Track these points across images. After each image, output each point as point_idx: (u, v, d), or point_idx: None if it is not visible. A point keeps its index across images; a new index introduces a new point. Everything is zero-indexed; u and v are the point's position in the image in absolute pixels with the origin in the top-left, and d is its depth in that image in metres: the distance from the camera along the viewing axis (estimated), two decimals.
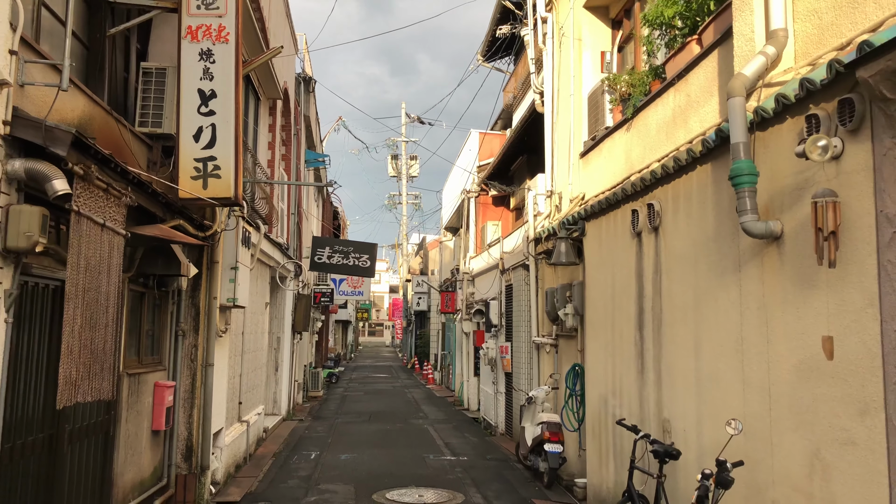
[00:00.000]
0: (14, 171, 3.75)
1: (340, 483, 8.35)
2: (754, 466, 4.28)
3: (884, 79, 3.12)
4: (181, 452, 6.96)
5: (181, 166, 5.83)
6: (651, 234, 6.03)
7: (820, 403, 3.70)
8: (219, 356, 7.56)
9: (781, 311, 4.06)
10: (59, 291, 4.64)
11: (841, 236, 3.53)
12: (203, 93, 5.93)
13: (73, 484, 4.89)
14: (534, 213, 10.48)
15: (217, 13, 6.01)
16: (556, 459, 8.17)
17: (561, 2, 9.63)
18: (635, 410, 6.27)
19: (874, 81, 3.17)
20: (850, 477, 3.46)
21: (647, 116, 6.55)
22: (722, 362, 4.76)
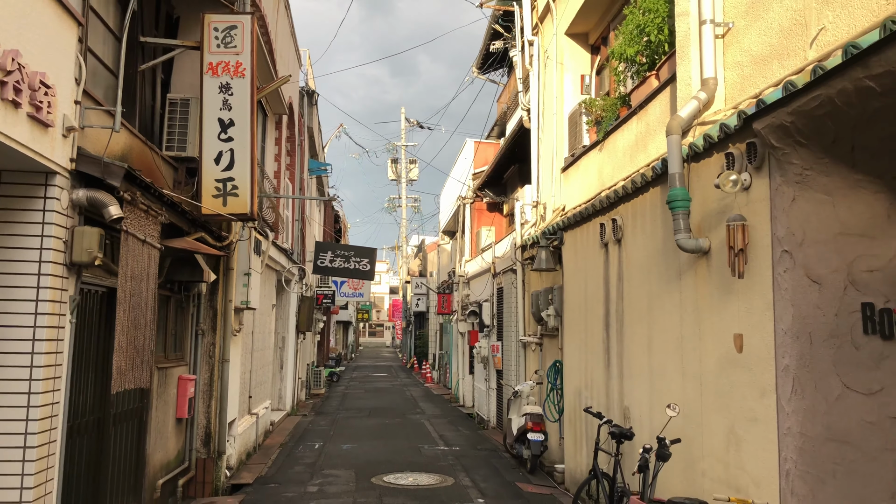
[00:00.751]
0: (78, 199, 4.59)
1: (342, 469, 9.19)
2: (689, 443, 5.12)
3: (770, 131, 3.96)
4: (201, 439, 7.80)
5: (204, 186, 6.67)
6: (615, 245, 6.87)
7: (734, 389, 4.54)
8: (233, 353, 8.40)
9: (709, 313, 4.90)
10: (105, 296, 5.48)
11: (748, 253, 4.36)
12: (223, 121, 6.76)
13: (117, 460, 5.74)
14: (521, 222, 11.32)
15: (235, 51, 6.85)
16: (538, 447, 9.01)
17: (545, 28, 10.47)
18: (603, 400, 7.11)
19: (765, 132, 4.01)
20: (754, 446, 4.30)
21: (616, 139, 7.38)
22: (667, 356, 5.60)
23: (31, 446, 4.25)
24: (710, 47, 5.13)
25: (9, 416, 4.23)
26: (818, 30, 4.06)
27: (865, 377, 3.81)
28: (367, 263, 15.72)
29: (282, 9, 12.11)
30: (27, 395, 4.27)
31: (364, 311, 48.55)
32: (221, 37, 6.85)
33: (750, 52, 4.83)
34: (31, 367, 4.29)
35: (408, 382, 25.40)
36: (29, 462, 4.24)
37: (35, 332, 4.32)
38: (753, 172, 4.37)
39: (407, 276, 40.47)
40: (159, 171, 6.48)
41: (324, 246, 15.76)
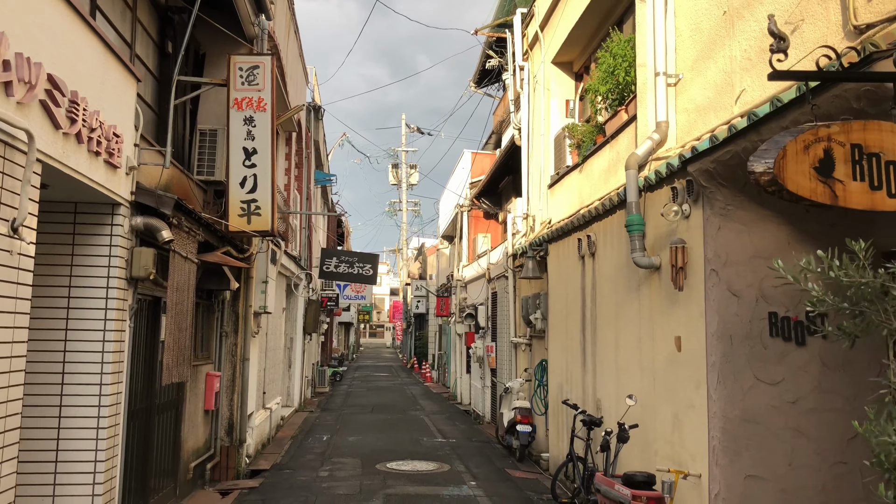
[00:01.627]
0: (137, 224, 5.56)
1: (349, 457, 10.16)
2: (645, 427, 6.10)
3: (700, 173, 4.93)
4: (224, 428, 8.78)
5: (231, 207, 7.64)
6: (590, 258, 7.84)
7: (677, 381, 5.51)
8: (252, 353, 9.38)
9: (659, 319, 5.88)
10: (150, 304, 6.45)
11: (687, 270, 5.34)
12: (247, 150, 7.74)
13: (159, 443, 6.71)
14: (512, 232, 12.29)
15: (257, 88, 7.83)
16: (526, 437, 9.98)
17: (534, 55, 11.45)
18: (580, 394, 8.08)
19: (696, 174, 4.99)
20: (691, 428, 5.27)
21: (593, 163, 8.35)
22: (629, 355, 6.57)
23: (103, 427, 5.22)
24: (662, 95, 6.10)
25: (85, 403, 5.20)
26: (740, 91, 5.04)
27: (771, 371, 4.79)
28: (369, 269, 16.71)
29: (292, 34, 13.08)
30: (99, 385, 5.24)
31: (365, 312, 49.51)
32: (245, 75, 7.83)
33: (694, 101, 5.81)
34: (102, 362, 5.26)
35: (408, 381, 26.36)
36: (101, 440, 5.21)
37: (104, 334, 5.28)
38: (692, 204, 5.34)
39: (407, 278, 41.41)
40: (193, 194, 7.46)
41: (329, 252, 16.74)
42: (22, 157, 3.80)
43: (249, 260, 8.75)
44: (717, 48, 5.44)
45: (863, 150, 2.90)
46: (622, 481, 5.53)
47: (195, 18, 7.88)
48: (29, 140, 3.77)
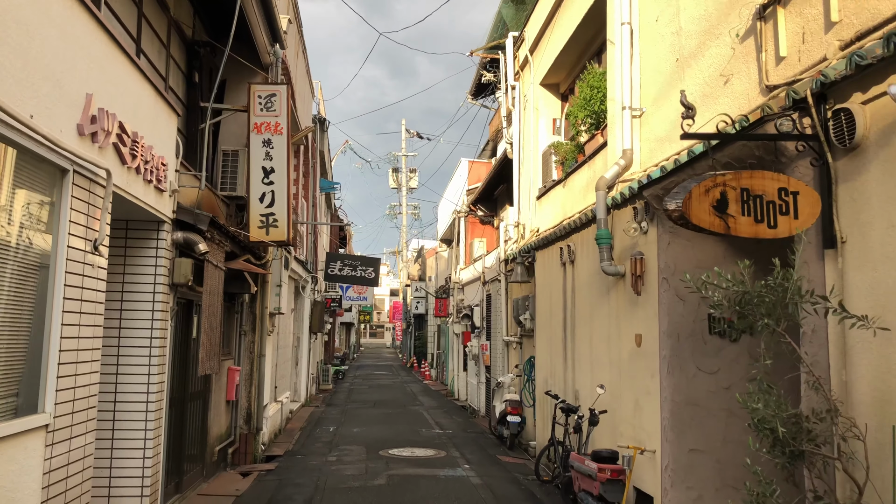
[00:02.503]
0: (177, 239, 6.53)
1: (354, 445, 11.13)
2: (612, 412, 7.07)
3: (652, 197, 5.91)
4: (243, 417, 9.74)
5: (251, 220, 8.61)
6: (570, 265, 8.82)
7: (637, 372, 6.48)
8: (267, 350, 10.35)
9: (624, 319, 6.85)
10: (184, 306, 7.41)
11: (644, 278, 6.31)
12: (265, 169, 8.71)
13: (191, 427, 7.68)
14: (504, 239, 13.27)
15: (274, 114, 8.80)
16: (515, 427, 10.95)
17: (524, 76, 12.41)
18: (561, 386, 9.05)
19: (650, 198, 5.96)
20: (647, 411, 6.24)
21: (574, 179, 9.32)
22: (601, 350, 7.54)
23: (151, 411, 6.18)
24: (628, 126, 7.08)
25: (135, 391, 6.16)
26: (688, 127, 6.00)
27: (709, 362, 5.76)
28: (371, 272, 17.67)
29: (300, 54, 14.05)
30: (147, 376, 6.20)
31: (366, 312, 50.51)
32: (264, 102, 8.81)
33: (655, 133, 6.78)
34: (150, 356, 6.22)
35: (408, 380, 27.32)
36: (149, 422, 6.17)
37: (151, 332, 6.24)
38: (648, 222, 6.32)
39: (407, 280, 42.35)
40: (219, 208, 8.43)
41: (334, 256, 17.71)
42: (101, 190, 4.77)
43: (266, 266, 9.71)
44: (671, 89, 6.42)
45: (749, 192, 3.85)
46: (591, 458, 6.51)
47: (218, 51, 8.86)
48: (108, 177, 4.74)
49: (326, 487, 8.13)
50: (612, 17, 7.53)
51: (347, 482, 8.42)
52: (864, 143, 3.71)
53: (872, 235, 3.64)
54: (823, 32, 4.24)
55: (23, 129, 3.70)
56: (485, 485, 8.37)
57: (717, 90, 5.55)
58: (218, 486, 8.22)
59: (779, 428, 3.40)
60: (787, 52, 4.62)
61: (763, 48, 4.88)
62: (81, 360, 4.64)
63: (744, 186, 3.84)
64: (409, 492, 7.90)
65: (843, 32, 4.04)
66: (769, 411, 3.45)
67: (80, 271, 4.55)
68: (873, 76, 3.66)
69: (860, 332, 3.61)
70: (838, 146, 3.85)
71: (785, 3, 4.67)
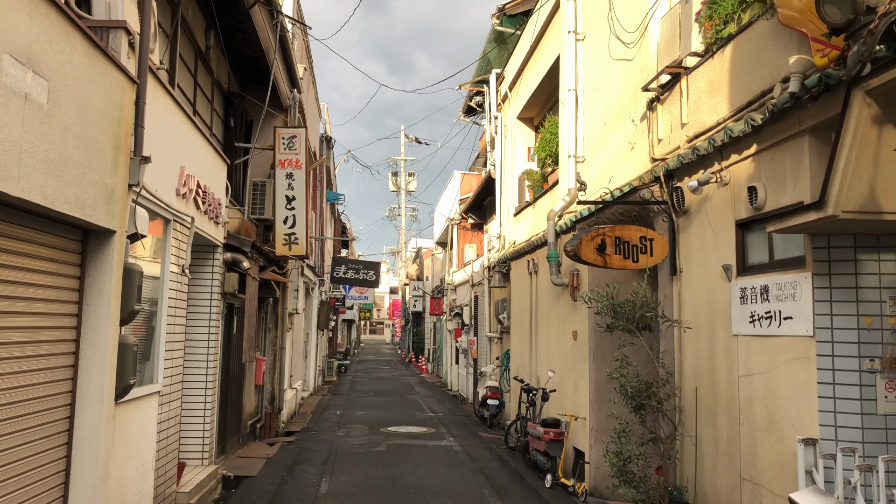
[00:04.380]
0: (227, 258, 8.60)
1: (358, 424, 13.22)
2: (560, 392, 9.15)
3: (581, 230, 7.98)
4: (268, 399, 11.83)
5: (277, 238, 10.68)
6: (535, 275, 10.90)
7: (576, 360, 8.56)
8: (287, 343, 12.43)
9: (567, 319, 8.92)
10: (230, 308, 9.47)
11: (580, 289, 8.38)
12: (288, 197, 10.78)
13: (231, 405, 9.76)
14: (488, 248, 15.34)
15: (295, 153, 10.86)
16: (494, 409, 13.04)
17: (505, 108, 14.48)
18: (527, 373, 11.14)
19: (578, 229, 8.03)
20: (582, 389, 8.32)
21: (540, 203, 11.39)
22: (553, 343, 9.62)
23: (208, 389, 8.25)
24: (572, 170, 9.14)
25: (198, 374, 8.22)
26: (611, 176, 8.08)
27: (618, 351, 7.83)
28: (373, 275, 19.77)
29: (311, 86, 16.10)
30: (206, 363, 8.27)
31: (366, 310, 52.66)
32: (287, 142, 10.88)
33: (592, 176, 8.85)
34: (207, 347, 8.28)
35: (406, 373, 29.42)
36: (208, 398, 8.23)
37: (209, 329, 8.31)
38: None
39: (406, 279, 44.39)
40: (251, 229, 10.51)
41: (339, 260, 19.80)
42: (187, 230, 6.84)
43: (287, 275, 11.80)
44: (601, 145, 8.49)
45: (621, 238, 5.91)
46: (540, 424, 8.60)
47: (247, 101, 10.94)
48: (192, 222, 6.82)
49: (338, 452, 10.22)
50: (562, 83, 9.60)
51: (354, 449, 10.52)
52: (690, 209, 5.79)
53: (692, 269, 5.73)
54: (680, 128, 6.30)
55: (150, 198, 5.76)
56: (464, 451, 10.47)
57: (626, 153, 7.62)
58: (251, 451, 10.30)
59: (628, 389, 5.49)
60: (663, 136, 6.69)
61: (651, 130, 6.95)
62: (175, 349, 6.72)
63: (617, 235, 5.91)
64: (403, 455, 9.99)
65: (689, 131, 6.11)
66: (624, 379, 5.53)
67: (175, 287, 6.62)
68: (693, 167, 5.74)
69: (687, 331, 5.70)
70: (678, 210, 5.93)
71: (662, 102, 6.74)
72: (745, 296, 4.89)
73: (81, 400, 4.33)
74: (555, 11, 10.30)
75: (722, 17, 5.65)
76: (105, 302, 4.42)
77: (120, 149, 4.48)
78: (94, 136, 4.08)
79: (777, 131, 4.55)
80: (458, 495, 7.65)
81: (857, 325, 4.06)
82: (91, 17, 4.82)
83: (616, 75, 8.01)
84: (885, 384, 4.02)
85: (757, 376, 4.77)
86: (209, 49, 9.36)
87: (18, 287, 3.65)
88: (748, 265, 5.01)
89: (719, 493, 5.26)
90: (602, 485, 7.77)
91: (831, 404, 4.07)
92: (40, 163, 3.42)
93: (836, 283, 4.12)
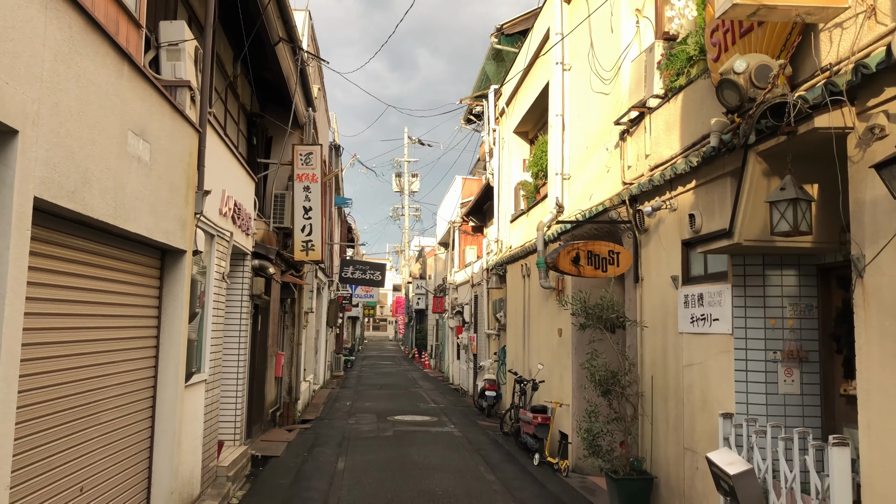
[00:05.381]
0: (255, 265, 9.80)
1: (367, 414, 14.43)
2: (548, 382, 10.34)
3: (565, 242, 9.17)
4: (286, 390, 13.05)
5: (295, 245, 11.87)
6: (527, 278, 12.08)
7: (561, 354, 9.75)
8: (303, 340, 13.64)
9: (554, 318, 10.11)
10: (256, 308, 10.67)
11: (564, 291, 9.57)
12: (305, 208, 11.98)
13: (256, 394, 10.98)
14: (487, 252, 16.53)
15: (311, 168, 12.05)
16: (492, 399, 14.24)
17: (502, 122, 15.65)
18: (521, 366, 12.34)
19: (563, 241, 9.22)
20: (567, 379, 9.50)
21: (532, 213, 12.57)
22: (543, 339, 10.82)
23: (239, 379, 9.45)
24: (559, 186, 10.32)
25: (230, 368, 9.42)
26: (590, 194, 9.26)
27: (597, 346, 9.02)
28: (378, 275, 20.98)
29: (322, 98, 17.27)
30: (237, 356, 9.47)
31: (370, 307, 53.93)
32: (304, 158, 12.07)
33: (576, 192, 10.03)
34: (238, 342, 9.48)
35: (409, 368, 30.65)
36: (238, 387, 9.43)
37: (239, 327, 9.51)
38: None
39: (409, 277, 45.58)
40: (272, 237, 11.72)
41: (347, 262, 21.02)
42: (226, 243, 8.04)
43: (303, 277, 13.00)
44: (583, 166, 9.66)
45: (592, 252, 7.08)
46: (530, 411, 9.80)
47: (266, 120, 12.13)
48: (230, 236, 8.01)
49: (350, 437, 11.44)
50: (551, 107, 10.78)
51: (364, 434, 11.73)
52: (649, 228, 6.98)
53: (651, 278, 6.92)
54: (644, 158, 7.48)
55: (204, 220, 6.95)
56: (463, 436, 11.69)
57: (603, 175, 8.79)
58: (272, 436, 11.52)
59: (597, 377, 6.69)
60: (631, 164, 7.86)
61: (622, 157, 8.12)
62: (216, 344, 7.92)
63: (589, 249, 7.10)
64: (409, 439, 11.20)
65: (651, 161, 7.28)
66: (594, 368, 6.73)
67: (217, 292, 7.83)
68: (651, 195, 6.92)
69: (646, 329, 6.89)
70: (640, 228, 7.11)
71: (631, 134, 7.91)
72: (687, 301, 6.08)
73: (161, 382, 5.54)
74: (545, 41, 11.46)
75: (675, 69, 6.82)
76: (178, 307, 5.62)
77: (189, 186, 5.69)
78: (174, 179, 5.28)
79: (708, 172, 5.74)
80: (458, 471, 8.86)
81: (764, 325, 5.24)
82: (161, 77, 6.01)
83: (596, 106, 9.18)
84: (784, 371, 5.20)
85: (695, 366, 5.96)
86: (236, 77, 10.55)
87: (125, 296, 4.85)
88: (690, 276, 6.19)
89: (669, 461, 6.46)
90: (582, 462, 8.97)
91: (744, 387, 5.26)
92: (145, 205, 4.62)
93: (749, 292, 5.30)
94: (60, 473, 3.89)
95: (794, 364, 5.21)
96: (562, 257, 7.09)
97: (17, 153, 2.97)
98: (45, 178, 3.25)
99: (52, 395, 3.78)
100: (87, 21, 3.68)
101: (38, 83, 3.19)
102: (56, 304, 3.78)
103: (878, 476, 3.77)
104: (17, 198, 2.97)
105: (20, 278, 3.04)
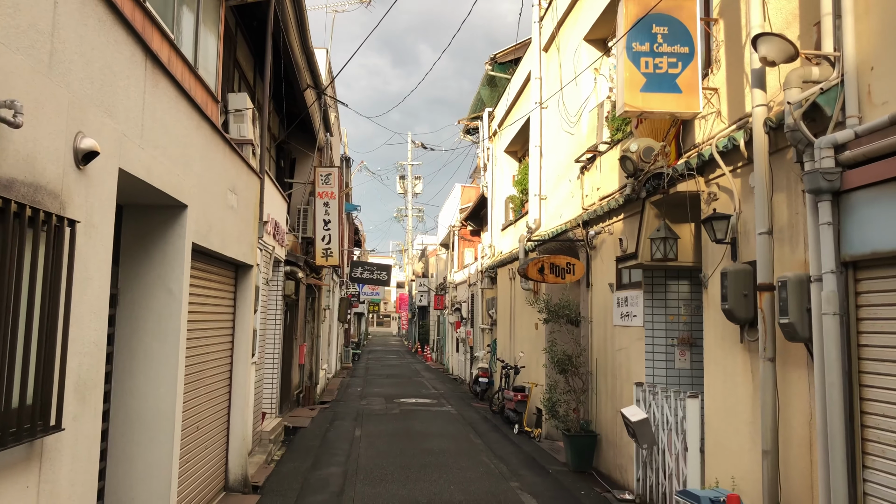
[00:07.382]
0: (287, 270, 11.96)
1: (376, 397, 16.61)
2: (529, 367, 12.51)
3: (540, 254, 11.31)
4: (307, 375, 15.23)
5: (316, 252, 14.04)
6: (513, 280, 14.24)
7: (537, 343, 11.90)
8: (321, 333, 15.82)
9: (532, 314, 12.26)
10: (287, 303, 12.83)
11: (539, 293, 11.71)
12: (325, 221, 14.14)
13: (284, 378, 13.16)
14: (481, 255, 18.68)
15: (330, 186, 14.21)
16: (484, 385, 16.42)
17: (495, 141, 17.80)
18: (508, 355, 14.50)
19: (539, 252, 11.38)
20: (540, 365, 11.66)
21: (519, 223, 14.71)
22: (524, 332, 12.97)
23: (275, 365, 11.60)
24: (537, 205, 12.46)
25: (268, 354, 11.58)
26: (561, 214, 11.40)
27: (566, 337, 11.17)
28: (385, 275, 23.16)
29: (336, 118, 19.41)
30: (273, 346, 11.63)
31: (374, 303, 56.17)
32: (324, 178, 14.24)
33: (551, 209, 12.17)
34: (274, 335, 11.63)
35: (412, 361, 32.84)
36: (274, 371, 11.59)
37: (275, 322, 11.67)
38: None
39: (412, 275, 47.74)
40: (297, 245, 13.89)
41: (356, 263, 23.20)
42: (269, 255, 10.21)
43: (322, 279, 15.18)
44: (555, 190, 11.80)
45: (554, 264, 9.22)
46: (512, 390, 11.98)
47: (292, 147, 14.29)
48: (273, 250, 10.18)
49: (364, 414, 13.62)
50: (531, 138, 12.92)
51: (376, 412, 13.91)
52: (597, 246, 9.14)
53: (597, 285, 9.08)
54: (596, 191, 9.61)
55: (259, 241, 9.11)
56: (459, 414, 13.87)
57: (569, 200, 10.93)
58: (298, 413, 13.71)
59: (556, 359, 8.85)
60: (588, 193, 10.00)
61: (581, 188, 10.26)
62: (261, 335, 10.09)
63: (551, 262, 9.25)
64: (413, 416, 13.37)
65: (601, 193, 9.41)
66: (553, 353, 8.89)
67: (263, 294, 10.00)
68: (597, 221, 9.07)
69: (592, 323, 9.05)
70: (590, 246, 9.27)
71: (588, 170, 10.04)
72: (619, 302, 8.23)
73: (236, 360, 7.70)
74: (527, 81, 13.59)
75: (616, 125, 8.96)
76: (247, 306, 7.78)
77: (255, 218, 7.86)
78: (248, 216, 7.44)
79: (629, 209, 7.88)
80: (451, 437, 11.03)
81: (665, 320, 7.39)
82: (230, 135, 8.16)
83: (564, 143, 11.32)
84: (679, 353, 7.35)
85: (623, 350, 8.12)
86: (270, 113, 12.70)
87: (220, 298, 7.01)
88: (621, 284, 8.34)
89: (607, 421, 8.62)
90: (552, 432, 11.13)
91: (651, 364, 7.41)
92: (233, 238, 6.78)
93: (655, 296, 7.45)
94: (188, 415, 6.05)
95: (686, 347, 7.36)
96: (530, 267, 9.24)
97: (186, 219, 5.13)
98: (195, 230, 5.42)
99: (189, 363, 5.95)
100: (201, 117, 5.84)
101: (194, 174, 5.35)
102: (194, 305, 5.94)
103: (713, 415, 5.94)
104: (186, 244, 5.13)
105: (186, 291, 5.20)
